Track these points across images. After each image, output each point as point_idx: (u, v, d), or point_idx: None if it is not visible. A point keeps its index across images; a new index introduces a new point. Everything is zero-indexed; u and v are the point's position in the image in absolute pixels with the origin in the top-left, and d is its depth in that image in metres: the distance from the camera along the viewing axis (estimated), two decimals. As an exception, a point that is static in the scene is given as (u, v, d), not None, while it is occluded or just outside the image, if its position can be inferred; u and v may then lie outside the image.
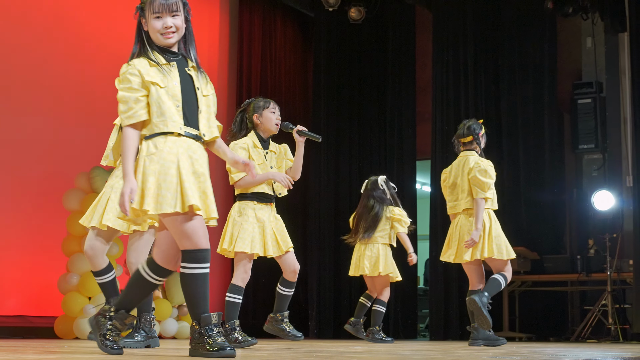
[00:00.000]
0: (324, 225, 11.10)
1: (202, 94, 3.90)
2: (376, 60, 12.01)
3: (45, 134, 8.81)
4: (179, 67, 3.88)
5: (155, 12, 3.83)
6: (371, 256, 8.24)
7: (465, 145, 7.12)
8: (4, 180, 8.66)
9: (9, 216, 8.63)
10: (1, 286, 8.60)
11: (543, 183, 11.00)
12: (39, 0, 9.15)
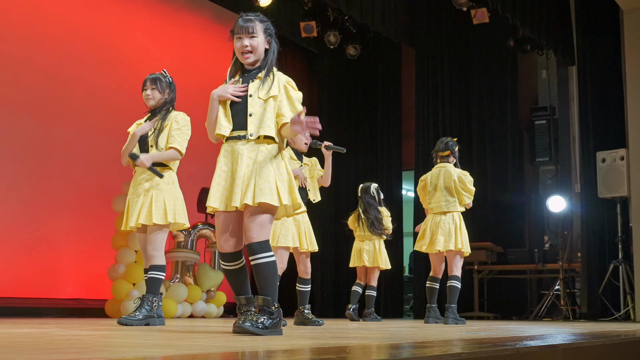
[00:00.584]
0: (326, 223, 11.14)
1: (257, 97, 3.73)
2: (369, 88, 12.11)
3: (99, 147, 8.84)
4: (244, 82, 3.80)
5: (236, 34, 3.80)
6: (369, 250, 8.30)
7: (442, 158, 7.26)
8: (64, 186, 8.69)
9: (67, 216, 8.66)
10: (60, 274, 8.62)
11: (506, 189, 11.07)
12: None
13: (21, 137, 8.36)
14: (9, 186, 8.22)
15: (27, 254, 8.30)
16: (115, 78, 9.31)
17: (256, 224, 3.61)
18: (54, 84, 8.70)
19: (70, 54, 8.89)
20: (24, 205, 8.34)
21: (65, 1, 8.93)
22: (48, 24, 8.70)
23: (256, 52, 3.78)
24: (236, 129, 3.73)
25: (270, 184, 3.60)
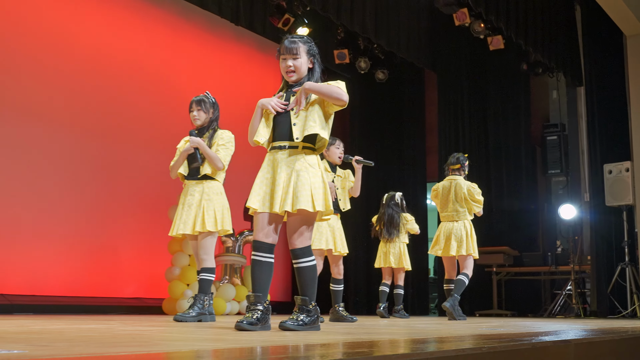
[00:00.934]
0: (358, 229, 11.13)
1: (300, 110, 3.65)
2: (395, 108, 12.09)
3: (155, 163, 8.91)
4: (287, 97, 3.76)
5: (282, 54, 3.75)
6: (395, 252, 8.29)
7: (453, 170, 7.29)
8: (126, 198, 8.78)
9: (129, 223, 8.74)
10: (123, 276, 8.69)
11: (521, 199, 10.99)
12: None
13: (89, 155, 8.48)
14: (79, 197, 8.33)
15: (94, 258, 8.38)
16: (169, 102, 9.40)
17: (298, 232, 3.60)
18: (116, 108, 8.82)
19: (131, 82, 9.02)
20: (92, 214, 8.43)
21: (126, 36, 9.04)
22: (113, 56, 8.82)
23: (299, 72, 3.74)
24: (278, 139, 3.70)
25: (307, 191, 3.56)
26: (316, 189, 3.60)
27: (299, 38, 3.81)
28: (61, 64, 8.28)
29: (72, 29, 8.45)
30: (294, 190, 3.56)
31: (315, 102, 3.68)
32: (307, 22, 9.90)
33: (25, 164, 7.87)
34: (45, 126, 8.06)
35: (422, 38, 10.97)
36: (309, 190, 3.57)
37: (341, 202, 6.19)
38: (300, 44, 3.75)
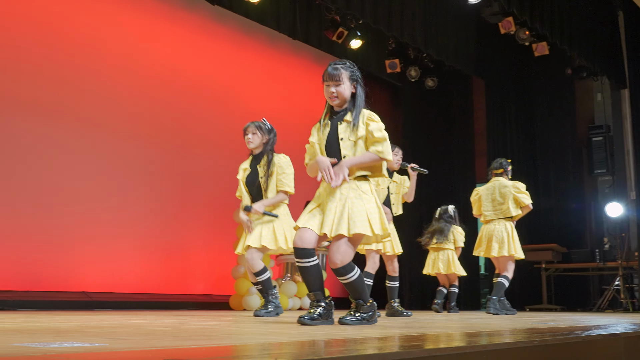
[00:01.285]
0: (412, 231, 11.05)
1: (348, 140, 3.61)
2: (445, 114, 11.97)
3: (221, 169, 9.02)
4: (333, 123, 3.68)
5: (325, 81, 3.69)
6: (443, 259, 8.25)
7: (496, 175, 7.15)
8: (195, 202, 8.91)
9: (198, 226, 8.86)
10: (193, 274, 8.81)
11: (569, 198, 10.79)
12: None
13: (163, 162, 8.65)
14: (153, 201, 8.48)
15: (166, 257, 8.53)
16: (233, 112, 9.52)
17: (341, 252, 3.50)
18: (188, 120, 8.98)
19: (200, 95, 9.16)
20: (165, 217, 8.58)
21: (195, 54, 9.19)
22: (184, 73, 8.97)
23: (341, 97, 3.66)
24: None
25: (363, 216, 3.50)
26: (372, 214, 3.54)
27: (342, 64, 3.72)
28: (140, 82, 8.47)
29: (148, 48, 8.62)
30: (349, 215, 3.49)
31: (362, 137, 3.62)
32: (359, 34, 9.92)
33: (107, 171, 8.06)
34: (126, 137, 8.25)
35: (470, 46, 10.87)
36: (365, 215, 3.51)
37: (394, 207, 6.17)
38: (342, 70, 3.67)
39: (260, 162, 5.42)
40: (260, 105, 9.98)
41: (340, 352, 1.54)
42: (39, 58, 7.60)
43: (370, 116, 3.66)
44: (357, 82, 3.71)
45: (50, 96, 7.64)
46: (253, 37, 9.92)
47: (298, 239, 3.54)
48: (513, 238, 6.92)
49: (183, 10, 9.02)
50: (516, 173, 10.87)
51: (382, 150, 3.58)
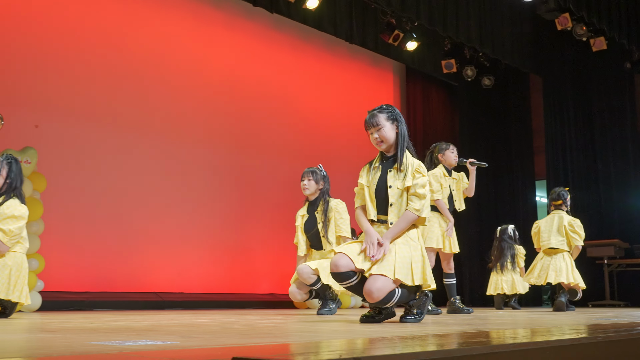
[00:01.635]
0: (471, 227, 10.93)
1: (396, 188, 3.55)
2: (502, 112, 11.78)
3: (284, 172, 9.11)
4: (383, 169, 3.63)
5: (367, 130, 3.66)
6: (507, 280, 8.20)
7: (556, 206, 7.03)
8: (259, 204, 9.01)
9: (262, 227, 8.95)
10: (257, 274, 8.90)
11: (630, 193, 10.45)
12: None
13: (227, 167, 8.79)
14: (218, 204, 8.62)
15: (232, 258, 8.64)
16: (293, 116, 9.62)
17: (380, 291, 3.38)
18: (249, 125, 9.09)
19: (261, 101, 9.26)
20: (230, 220, 8.71)
21: (255, 61, 9.29)
22: (245, 79, 9.09)
23: (386, 140, 3.60)
24: (380, 213, 3.60)
25: (407, 264, 3.44)
26: (416, 262, 3.48)
27: (378, 109, 3.66)
28: (204, 89, 8.64)
29: (210, 57, 8.78)
30: (394, 259, 3.43)
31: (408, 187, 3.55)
32: (415, 36, 9.86)
33: (174, 177, 8.23)
34: (191, 143, 8.41)
35: (526, 44, 10.67)
36: (409, 264, 3.45)
37: (456, 203, 6.10)
38: (379, 115, 3.62)
39: (317, 209, 5.50)
40: (319, 109, 10.03)
41: (402, 349, 1.54)
42: (111, 72, 7.81)
43: (419, 168, 3.59)
44: (397, 122, 3.65)
45: (122, 108, 7.86)
46: (310, 43, 9.97)
47: (333, 265, 3.49)
48: (573, 269, 6.80)
49: (242, 18, 9.13)
50: (575, 167, 10.66)
51: (419, 209, 3.53)
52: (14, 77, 7.02)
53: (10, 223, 4.19)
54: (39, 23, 7.30)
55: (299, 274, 5.28)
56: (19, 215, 4.24)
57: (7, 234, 4.17)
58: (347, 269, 3.46)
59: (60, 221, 6.98)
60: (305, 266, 5.28)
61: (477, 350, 1.58)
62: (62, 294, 6.89)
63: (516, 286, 8.16)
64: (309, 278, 5.26)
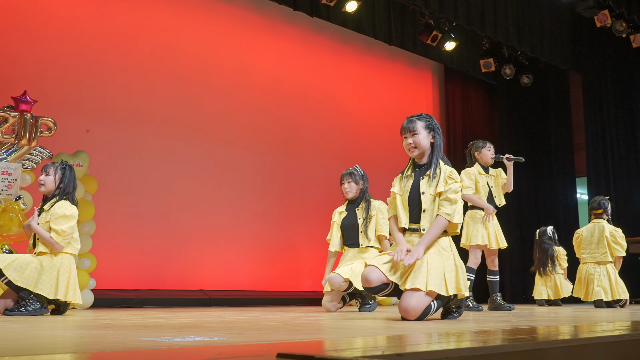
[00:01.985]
0: (512, 223, 10.78)
1: (429, 194, 3.52)
2: (541, 110, 11.58)
3: (325, 173, 9.12)
4: (416, 177, 3.61)
5: (402, 134, 3.62)
6: (551, 285, 8.13)
7: (596, 215, 6.92)
8: (302, 203, 9.04)
9: (305, 226, 8.97)
10: (301, 271, 8.93)
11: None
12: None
13: (270, 167, 8.85)
14: (263, 204, 8.67)
15: (276, 256, 8.69)
16: (334, 118, 9.64)
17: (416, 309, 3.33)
18: (291, 126, 9.14)
19: (302, 103, 9.30)
20: (273, 219, 8.76)
21: (297, 64, 9.33)
22: (287, 81, 9.13)
23: (420, 147, 3.57)
24: (412, 221, 3.57)
25: (440, 274, 3.39)
26: (449, 272, 3.43)
27: (417, 116, 3.62)
28: (248, 93, 8.70)
29: (254, 61, 8.85)
30: (427, 270, 3.39)
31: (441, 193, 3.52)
32: (453, 36, 9.78)
33: (220, 177, 8.32)
34: (236, 145, 8.50)
35: (565, 42, 10.48)
36: (441, 274, 3.40)
37: (496, 199, 6.03)
38: (417, 121, 3.58)
39: (359, 206, 5.52)
40: (359, 110, 10.02)
41: (443, 345, 1.52)
42: (158, 77, 7.93)
43: (452, 174, 3.55)
44: (434, 132, 3.61)
45: (169, 111, 7.97)
46: (350, 45, 9.97)
47: (365, 280, 3.46)
48: (617, 282, 6.69)
49: (284, 23, 9.18)
50: (617, 164, 10.42)
51: (451, 213, 3.48)
52: (67, 85, 7.18)
53: (62, 223, 4.29)
54: (90, 32, 7.44)
55: (331, 283, 5.27)
56: (70, 215, 4.33)
57: (60, 234, 4.27)
58: (379, 282, 3.44)
59: (111, 221, 7.11)
60: (336, 275, 5.25)
61: (519, 347, 1.56)
62: (113, 292, 7.01)
63: (560, 291, 8.05)
64: (341, 286, 5.25)
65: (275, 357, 1.23)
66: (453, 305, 3.58)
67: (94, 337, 2.15)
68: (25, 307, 4.18)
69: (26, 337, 2.15)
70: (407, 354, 1.30)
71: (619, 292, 6.60)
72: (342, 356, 1.21)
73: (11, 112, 5.63)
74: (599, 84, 10.74)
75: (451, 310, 3.59)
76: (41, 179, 4.46)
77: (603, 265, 6.72)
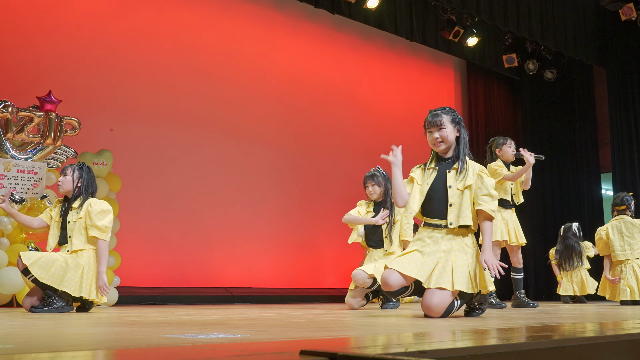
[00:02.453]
0: (535, 220, 10.70)
1: (456, 189, 3.45)
2: (565, 105, 11.46)
3: (345, 170, 9.13)
4: (441, 170, 3.53)
5: (427, 129, 3.55)
6: (577, 281, 8.01)
7: (619, 211, 6.80)
8: (323, 200, 9.04)
9: (326, 223, 8.96)
10: (323, 269, 8.94)
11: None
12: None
13: (292, 166, 8.87)
14: (285, 202, 8.70)
15: (299, 254, 8.71)
16: (357, 116, 9.63)
17: (439, 307, 3.30)
18: (313, 125, 9.15)
19: (323, 101, 9.30)
20: (296, 217, 8.79)
21: (318, 62, 9.33)
22: (308, 79, 9.14)
23: (446, 141, 3.51)
24: (434, 216, 3.49)
25: (465, 272, 3.36)
26: (473, 269, 3.40)
27: (442, 110, 3.55)
28: (270, 91, 8.73)
29: (276, 59, 8.87)
30: (452, 269, 3.35)
31: (469, 187, 3.45)
32: (475, 32, 9.71)
33: (242, 176, 8.35)
34: (258, 143, 8.53)
35: (589, 36, 10.36)
36: (466, 272, 3.36)
37: (515, 197, 5.99)
38: (443, 115, 3.52)
39: (384, 208, 5.49)
40: (382, 106, 10.00)
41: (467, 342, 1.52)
42: (180, 76, 7.98)
43: (483, 170, 3.51)
44: (459, 125, 3.55)
45: (192, 110, 8.02)
46: (372, 42, 9.94)
47: (384, 283, 3.41)
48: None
49: (305, 20, 9.18)
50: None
51: (494, 209, 3.46)
52: (90, 85, 7.25)
53: (102, 218, 4.35)
54: (113, 32, 7.51)
55: (355, 279, 5.28)
56: (107, 209, 4.40)
57: (103, 230, 4.33)
58: (399, 286, 3.40)
59: (135, 220, 7.17)
60: (360, 272, 5.28)
61: (543, 345, 1.55)
62: (137, 289, 7.07)
63: (586, 287, 7.94)
64: (365, 282, 5.26)
65: (298, 354, 1.23)
66: (476, 302, 3.55)
67: (118, 334, 2.17)
68: (51, 305, 4.23)
69: (51, 334, 2.18)
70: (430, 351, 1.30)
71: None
72: (365, 353, 1.21)
73: (36, 112, 5.70)
74: (624, 79, 10.61)
75: (474, 308, 3.57)
76: (59, 180, 4.52)
77: (630, 262, 6.63)
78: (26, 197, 5.56)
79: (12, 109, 5.57)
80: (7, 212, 4.54)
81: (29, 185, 5.60)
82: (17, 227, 5.53)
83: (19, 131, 5.65)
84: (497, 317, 3.53)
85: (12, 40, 6.82)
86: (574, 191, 11.16)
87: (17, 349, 1.60)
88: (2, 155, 5.59)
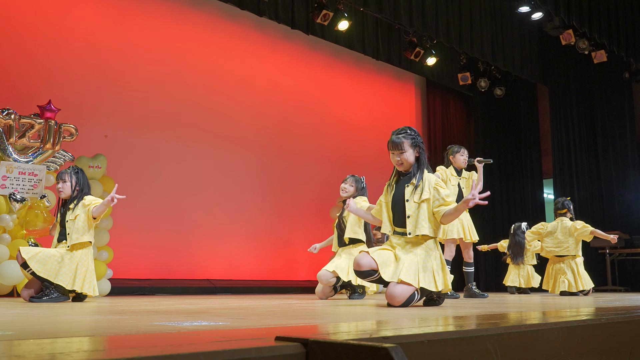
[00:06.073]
0: (485, 218, 10.79)
1: (413, 202, 3.47)
2: (513, 118, 11.62)
3: (319, 173, 9.13)
4: (400, 185, 3.57)
5: (390, 150, 3.56)
6: (523, 275, 8.06)
7: (560, 215, 6.86)
8: (297, 201, 9.03)
9: (299, 221, 8.97)
10: (297, 263, 8.92)
11: (630, 189, 10.21)
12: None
13: (269, 170, 8.82)
14: (263, 202, 8.66)
15: (275, 249, 8.68)
16: (328, 126, 9.62)
17: (401, 296, 3.31)
18: (288, 132, 9.11)
19: (298, 111, 9.28)
20: (272, 216, 8.75)
21: (293, 77, 9.32)
22: (284, 92, 9.12)
23: (406, 163, 3.53)
24: (398, 225, 3.54)
25: (429, 272, 3.40)
26: (437, 271, 3.43)
27: (403, 133, 3.53)
28: (251, 102, 8.68)
29: (255, 73, 8.82)
30: (416, 269, 3.38)
31: (426, 200, 3.47)
32: (434, 52, 9.79)
33: (225, 179, 8.29)
34: (237, 149, 8.47)
35: (534, 58, 10.51)
36: (431, 273, 3.40)
37: None
38: (403, 139, 3.51)
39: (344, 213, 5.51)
40: (350, 118, 10.01)
41: (426, 329, 1.52)
42: (169, 86, 7.91)
43: (438, 183, 3.52)
44: (419, 147, 3.55)
45: (180, 118, 7.95)
46: (342, 60, 9.97)
47: (356, 264, 3.42)
48: (579, 275, 6.65)
49: (282, 40, 9.17)
50: (580, 167, 10.44)
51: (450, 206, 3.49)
52: (86, 93, 7.16)
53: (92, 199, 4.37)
54: (108, 46, 7.42)
55: (320, 280, 5.31)
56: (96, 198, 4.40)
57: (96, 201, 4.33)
58: (368, 268, 3.41)
59: (127, 218, 7.08)
60: (325, 272, 5.30)
61: (492, 331, 1.56)
62: (128, 281, 6.99)
63: (531, 280, 8.04)
64: (329, 281, 5.28)
65: (274, 340, 1.23)
66: (434, 294, 3.57)
67: (110, 322, 2.14)
68: (48, 296, 4.16)
69: (48, 322, 2.14)
70: (392, 337, 1.30)
71: (583, 284, 6.60)
72: (334, 339, 1.21)
73: (37, 119, 5.62)
74: (564, 96, 10.79)
75: (433, 299, 3.58)
76: (59, 187, 4.43)
77: (566, 260, 6.72)
78: (27, 197, 5.47)
79: (14, 116, 5.49)
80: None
81: (29, 186, 5.51)
82: (17, 224, 5.44)
83: (20, 136, 5.56)
84: (451, 307, 3.55)
85: (16, 53, 6.71)
86: (519, 194, 11.31)
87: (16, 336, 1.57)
88: (5, 158, 5.50)
